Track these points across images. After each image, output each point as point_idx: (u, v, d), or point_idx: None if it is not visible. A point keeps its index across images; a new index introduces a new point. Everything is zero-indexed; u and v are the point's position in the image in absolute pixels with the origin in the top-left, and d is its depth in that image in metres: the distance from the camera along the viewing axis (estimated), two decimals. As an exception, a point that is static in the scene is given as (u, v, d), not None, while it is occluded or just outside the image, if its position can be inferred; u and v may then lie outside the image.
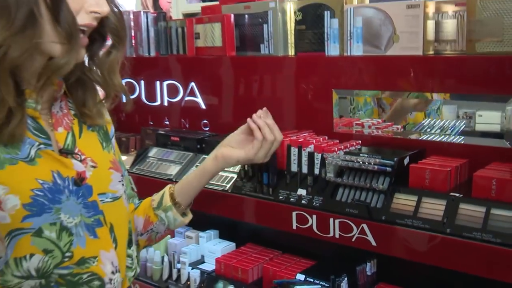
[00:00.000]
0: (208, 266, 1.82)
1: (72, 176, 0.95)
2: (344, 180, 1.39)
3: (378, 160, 1.34)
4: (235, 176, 1.62)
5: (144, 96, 2.16)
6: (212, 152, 1.29)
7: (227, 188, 1.61)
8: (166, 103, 2.10)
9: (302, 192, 1.47)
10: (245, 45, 1.91)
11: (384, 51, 1.58)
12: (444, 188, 1.31)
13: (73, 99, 1.03)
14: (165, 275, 1.86)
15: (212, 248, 1.85)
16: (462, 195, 1.26)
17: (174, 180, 1.75)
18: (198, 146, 1.82)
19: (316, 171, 1.46)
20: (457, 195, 1.26)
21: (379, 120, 1.70)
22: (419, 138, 1.55)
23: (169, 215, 1.19)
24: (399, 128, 1.64)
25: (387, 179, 1.35)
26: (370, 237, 1.32)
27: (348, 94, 1.65)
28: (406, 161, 1.40)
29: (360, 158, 1.37)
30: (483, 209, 1.21)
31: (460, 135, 1.47)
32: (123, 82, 1.06)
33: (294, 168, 1.51)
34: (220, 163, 1.26)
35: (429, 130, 1.59)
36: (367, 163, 1.35)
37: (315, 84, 1.70)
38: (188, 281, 1.79)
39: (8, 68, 0.85)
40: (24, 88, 0.91)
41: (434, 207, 1.27)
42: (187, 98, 2.03)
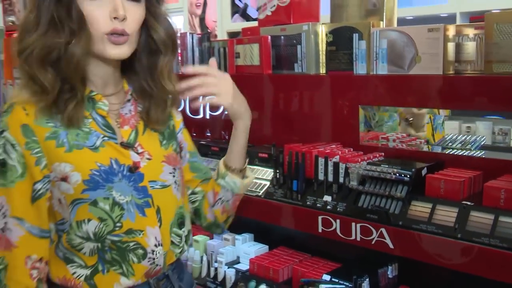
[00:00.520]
0: (243, 266, 1.97)
1: (128, 164, 1.15)
2: (366, 188, 1.53)
3: (396, 170, 1.47)
4: (268, 183, 1.78)
5: (188, 110, 2.36)
6: None
7: (260, 194, 1.77)
8: (208, 117, 2.29)
9: (327, 198, 1.61)
10: (280, 64, 2.08)
11: (407, 70, 1.71)
12: (457, 197, 1.42)
13: (142, 104, 1.22)
14: (203, 273, 2.03)
15: (247, 249, 2.00)
16: (473, 204, 1.37)
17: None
18: (236, 156, 1.99)
19: (341, 180, 1.60)
20: (468, 203, 1.38)
21: (404, 134, 1.83)
22: (439, 151, 1.66)
23: (227, 180, 1.28)
24: (422, 141, 1.77)
25: (405, 188, 1.47)
26: (388, 240, 1.45)
27: (374, 110, 1.78)
28: (424, 171, 1.52)
29: (380, 168, 1.50)
30: (491, 216, 1.32)
31: (478, 149, 1.59)
32: None
33: (321, 176, 1.65)
34: (231, 116, 1.34)
35: (450, 144, 1.71)
36: (386, 172, 1.48)
37: (344, 100, 1.85)
38: (224, 279, 1.95)
39: (39, 62, 1.08)
40: (88, 88, 1.14)
41: (447, 214, 1.39)
42: (227, 112, 2.20)
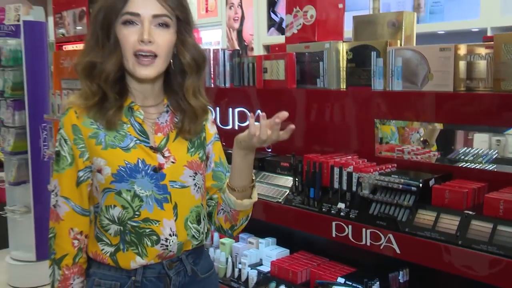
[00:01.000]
0: (265, 268, 2.10)
1: (154, 165, 1.35)
2: (376, 197, 1.64)
3: (403, 181, 1.58)
4: (288, 190, 1.91)
5: (218, 120, 2.52)
6: None
7: (280, 200, 1.90)
8: (236, 127, 2.45)
9: (341, 205, 1.73)
10: (304, 79, 2.21)
11: (420, 87, 1.81)
12: (460, 206, 1.52)
13: (178, 116, 1.41)
14: (228, 273, 2.17)
15: (269, 252, 2.14)
16: (474, 213, 1.46)
17: (239, 192, 2.07)
18: (260, 165, 2.13)
19: (354, 188, 1.72)
20: (470, 212, 1.47)
21: (418, 147, 1.92)
22: (450, 164, 1.76)
23: (225, 196, 1.40)
24: (435, 154, 1.86)
25: (412, 197, 1.58)
26: (395, 245, 1.56)
27: (389, 123, 1.89)
28: (432, 182, 1.62)
29: (389, 178, 1.61)
30: (491, 225, 1.41)
31: (486, 163, 1.67)
32: None
33: (336, 185, 1.78)
34: (236, 143, 1.40)
35: (463, 157, 1.80)
36: (394, 182, 1.59)
37: (361, 114, 1.96)
38: (247, 279, 2.09)
39: (86, 74, 1.32)
40: (129, 98, 1.36)
41: (450, 222, 1.48)
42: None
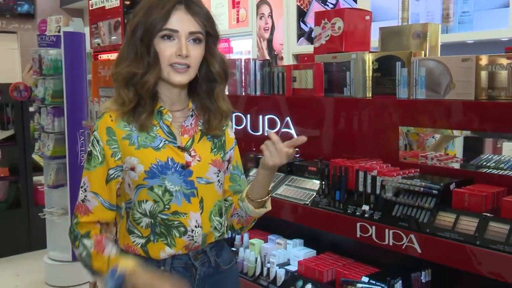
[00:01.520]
0: (292, 267, 2.20)
1: (182, 163, 1.49)
2: (399, 199, 1.73)
3: (424, 184, 1.67)
4: (315, 193, 2.01)
5: (249, 127, 2.64)
6: None
7: (307, 203, 2.00)
8: (266, 134, 2.56)
9: (365, 207, 1.82)
10: (331, 87, 2.31)
11: (443, 96, 1.90)
12: (479, 209, 1.59)
13: (202, 118, 1.56)
14: (257, 272, 2.27)
15: (296, 253, 2.23)
16: (492, 215, 1.54)
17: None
18: (288, 169, 2.24)
19: (378, 191, 1.81)
20: (488, 215, 1.55)
21: (442, 153, 2.00)
22: (472, 170, 1.83)
23: (243, 205, 1.55)
24: (458, 160, 1.94)
25: (433, 200, 1.66)
26: (416, 245, 1.64)
27: (413, 130, 1.98)
28: (452, 186, 1.70)
29: (411, 182, 1.70)
30: (507, 226, 1.48)
31: (508, 169, 1.74)
32: (234, 115, 1.56)
33: (360, 188, 1.87)
34: (261, 164, 1.55)
35: (485, 163, 1.87)
36: (416, 185, 1.68)
37: (386, 121, 2.05)
38: (275, 278, 2.19)
39: (125, 84, 1.45)
40: (159, 104, 1.49)
41: (468, 224, 1.56)
42: (283, 130, 2.46)
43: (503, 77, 1.83)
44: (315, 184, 2.08)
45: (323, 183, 1.98)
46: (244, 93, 2.67)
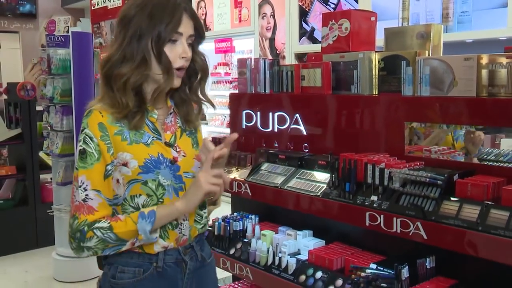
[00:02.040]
0: (303, 256, 2.31)
1: (170, 158, 1.59)
2: (406, 190, 1.84)
3: (429, 175, 1.78)
4: (325, 185, 2.13)
5: (259, 124, 2.75)
6: None
7: (318, 194, 2.12)
8: (276, 130, 2.67)
9: (374, 198, 1.93)
10: (339, 85, 2.42)
11: (446, 93, 2.01)
12: (481, 198, 1.71)
13: (180, 114, 1.68)
14: (269, 261, 2.38)
15: (306, 243, 2.35)
16: (493, 203, 1.66)
17: (279, 187, 2.30)
18: (299, 163, 2.36)
19: (385, 183, 1.92)
20: (489, 203, 1.66)
21: (445, 147, 2.12)
22: (472, 162, 1.95)
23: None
24: (460, 153, 2.05)
25: (438, 190, 1.78)
26: (422, 232, 1.75)
27: (417, 126, 2.09)
28: (456, 177, 1.82)
29: (417, 173, 1.82)
30: (507, 213, 1.60)
31: (507, 162, 1.86)
32: (244, 112, 1.68)
33: (369, 180, 1.98)
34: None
35: (486, 156, 1.98)
36: (421, 176, 1.79)
37: (392, 117, 2.17)
38: (286, 266, 2.30)
39: (130, 88, 1.52)
40: (147, 103, 1.58)
41: (471, 211, 1.68)
42: (292, 126, 2.58)
43: (503, 75, 1.95)
44: (324, 177, 2.19)
45: (333, 175, 2.10)
46: (254, 91, 2.78)
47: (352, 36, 2.47)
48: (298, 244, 2.39)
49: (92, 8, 8.51)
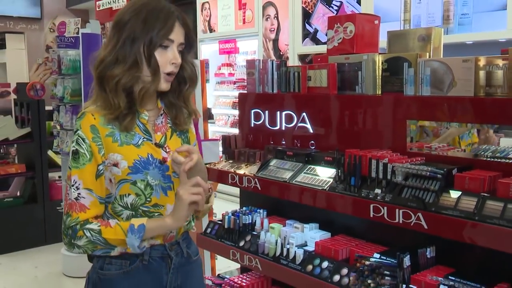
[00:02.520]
0: (310, 247, 2.43)
1: (159, 158, 1.67)
2: (408, 183, 1.97)
3: (430, 169, 1.91)
4: (331, 180, 2.25)
5: (267, 122, 2.87)
6: None
7: (325, 188, 2.24)
8: (283, 128, 2.79)
9: (378, 191, 2.06)
10: (344, 86, 2.54)
11: (446, 93, 2.13)
12: (478, 190, 1.83)
13: (170, 116, 1.77)
14: (277, 252, 2.50)
15: (313, 235, 2.47)
16: (489, 195, 1.78)
17: (288, 182, 2.42)
18: (306, 159, 2.48)
19: (389, 177, 2.05)
20: (485, 194, 1.79)
21: (445, 144, 2.24)
22: (471, 158, 2.07)
23: None
24: (459, 150, 2.18)
25: (438, 183, 1.90)
26: (423, 222, 1.88)
27: (419, 124, 2.22)
28: (454, 171, 1.94)
29: (418, 167, 1.94)
30: (502, 204, 1.72)
31: (503, 158, 1.98)
32: (253, 111, 1.78)
33: (373, 174, 2.11)
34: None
35: (483, 153, 2.11)
36: (422, 170, 1.92)
37: (395, 116, 2.29)
38: (294, 257, 2.43)
39: (122, 89, 1.60)
40: (137, 104, 1.62)
41: (468, 203, 1.80)
42: (299, 125, 2.70)
43: (499, 76, 2.07)
44: (331, 172, 2.31)
45: (339, 170, 2.22)
46: (262, 91, 2.90)
47: (356, 38, 2.60)
48: (305, 236, 2.50)
49: (97, 9, 8.65)
